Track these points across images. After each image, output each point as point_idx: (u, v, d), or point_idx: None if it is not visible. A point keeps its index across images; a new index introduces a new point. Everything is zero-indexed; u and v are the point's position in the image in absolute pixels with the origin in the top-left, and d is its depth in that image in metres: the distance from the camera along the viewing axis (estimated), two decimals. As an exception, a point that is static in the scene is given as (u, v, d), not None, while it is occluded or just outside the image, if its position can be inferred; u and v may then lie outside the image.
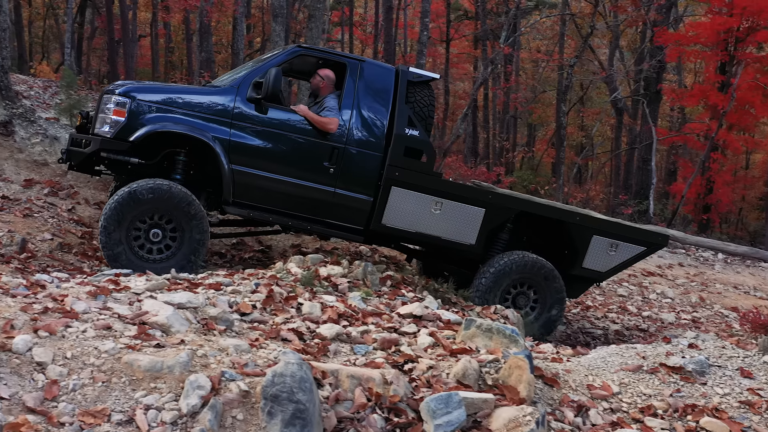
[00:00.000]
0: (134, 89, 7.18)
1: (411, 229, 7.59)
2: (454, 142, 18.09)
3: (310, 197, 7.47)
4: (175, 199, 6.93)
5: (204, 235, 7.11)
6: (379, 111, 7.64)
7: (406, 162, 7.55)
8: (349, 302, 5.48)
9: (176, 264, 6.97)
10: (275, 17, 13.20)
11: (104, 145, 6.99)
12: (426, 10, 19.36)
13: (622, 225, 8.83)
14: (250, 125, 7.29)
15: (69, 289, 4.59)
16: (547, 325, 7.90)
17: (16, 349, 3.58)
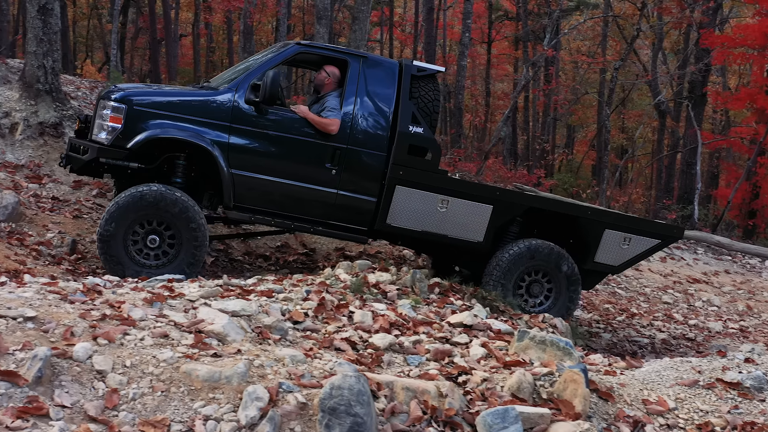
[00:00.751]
0: (130, 94, 7.05)
1: (417, 228, 7.46)
2: (495, 144, 17.97)
3: (312, 199, 7.33)
4: (174, 207, 6.81)
5: (202, 242, 6.99)
6: (382, 108, 7.47)
7: (411, 160, 7.38)
8: (399, 310, 5.45)
9: (173, 270, 6.81)
10: (319, 19, 13.22)
11: (101, 153, 6.90)
12: (468, 12, 19.30)
13: (634, 218, 8.65)
14: (249, 128, 7.14)
15: (125, 295, 4.62)
16: (562, 312, 7.73)
17: (77, 356, 3.61)
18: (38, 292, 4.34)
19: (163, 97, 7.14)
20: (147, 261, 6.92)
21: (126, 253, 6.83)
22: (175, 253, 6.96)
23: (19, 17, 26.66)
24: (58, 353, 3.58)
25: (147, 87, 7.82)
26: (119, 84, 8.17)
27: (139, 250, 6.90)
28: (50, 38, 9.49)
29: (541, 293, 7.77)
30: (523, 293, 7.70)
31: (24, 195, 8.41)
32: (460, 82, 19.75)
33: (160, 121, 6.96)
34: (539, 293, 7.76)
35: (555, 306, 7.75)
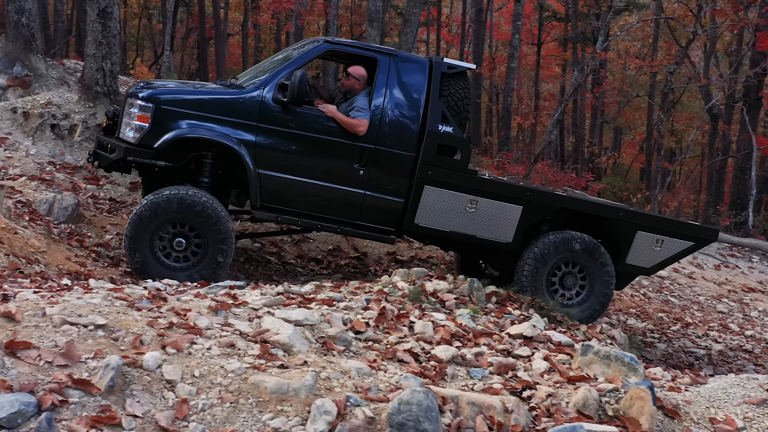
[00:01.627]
0: (158, 93, 7.02)
1: (445, 228, 7.39)
2: (545, 148, 17.80)
3: (339, 200, 7.28)
4: (200, 211, 6.77)
5: (228, 245, 6.93)
6: (411, 108, 7.36)
7: (440, 160, 7.29)
8: (458, 321, 5.41)
9: (198, 274, 6.85)
10: (371, 21, 13.21)
11: (128, 153, 6.91)
12: (518, 14, 19.16)
13: (667, 220, 8.44)
14: (276, 128, 7.08)
15: (189, 302, 4.64)
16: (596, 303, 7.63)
17: (147, 366, 3.63)
18: (105, 298, 4.39)
19: (191, 96, 7.11)
20: (174, 264, 6.90)
21: (153, 255, 6.82)
22: (201, 255, 6.94)
23: (72, 17, 27.13)
24: (129, 362, 3.61)
25: (174, 85, 7.77)
26: (147, 81, 8.16)
27: (167, 254, 6.89)
28: (109, 41, 9.63)
29: (574, 285, 7.65)
30: (557, 287, 7.60)
31: (82, 196, 8.53)
32: (510, 84, 19.61)
33: (188, 120, 6.93)
34: (573, 285, 7.64)
35: (590, 297, 7.64)
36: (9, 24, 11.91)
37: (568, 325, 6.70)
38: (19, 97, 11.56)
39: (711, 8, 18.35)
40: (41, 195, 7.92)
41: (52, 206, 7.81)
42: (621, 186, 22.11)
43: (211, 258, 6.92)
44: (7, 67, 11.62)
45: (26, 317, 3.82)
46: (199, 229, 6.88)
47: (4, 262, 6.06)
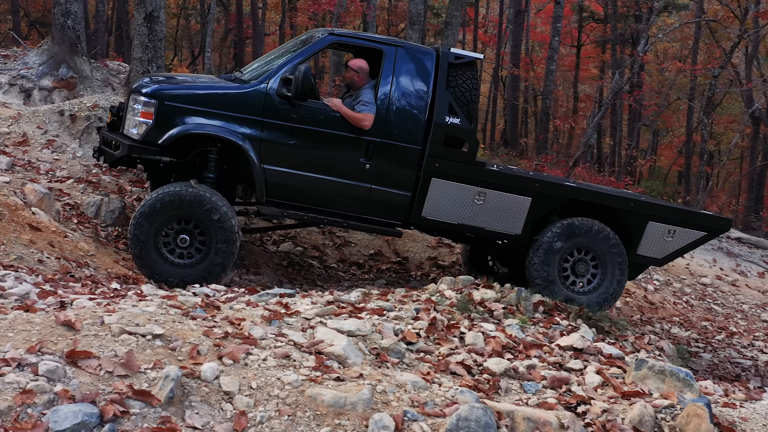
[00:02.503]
0: (161, 89, 6.98)
1: (453, 221, 7.33)
2: (584, 151, 17.64)
3: (345, 195, 7.21)
4: (203, 206, 6.72)
5: (232, 240, 6.85)
6: (418, 99, 7.25)
7: (447, 152, 7.22)
8: (508, 331, 5.37)
9: (203, 271, 6.82)
10: (412, 24, 13.19)
11: (132, 150, 6.87)
12: (558, 16, 19.03)
13: (679, 210, 8.28)
14: (281, 123, 7.01)
15: (242, 311, 4.66)
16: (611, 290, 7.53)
17: (205, 377, 3.64)
18: (160, 306, 4.41)
19: (194, 92, 7.05)
20: (179, 260, 6.86)
21: (157, 252, 6.78)
22: (206, 252, 6.88)
23: (113, 17, 27.45)
24: (187, 373, 3.62)
25: (178, 80, 7.75)
26: (151, 75, 8.14)
27: (171, 251, 6.84)
28: (155, 45, 9.71)
29: (587, 272, 7.56)
30: (569, 274, 7.51)
31: (128, 199, 8.60)
32: (548, 86, 19.48)
33: (192, 116, 6.89)
34: (585, 272, 7.54)
35: (603, 284, 7.53)
36: (55, 26, 12.08)
37: (616, 335, 6.63)
38: (64, 98, 11.73)
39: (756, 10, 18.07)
40: (89, 198, 8.01)
41: (99, 209, 7.89)
42: (660, 189, 21.84)
43: (216, 255, 6.86)
44: (53, 69, 11.78)
45: (85, 326, 3.85)
46: (202, 226, 6.83)
47: (56, 265, 6.14)
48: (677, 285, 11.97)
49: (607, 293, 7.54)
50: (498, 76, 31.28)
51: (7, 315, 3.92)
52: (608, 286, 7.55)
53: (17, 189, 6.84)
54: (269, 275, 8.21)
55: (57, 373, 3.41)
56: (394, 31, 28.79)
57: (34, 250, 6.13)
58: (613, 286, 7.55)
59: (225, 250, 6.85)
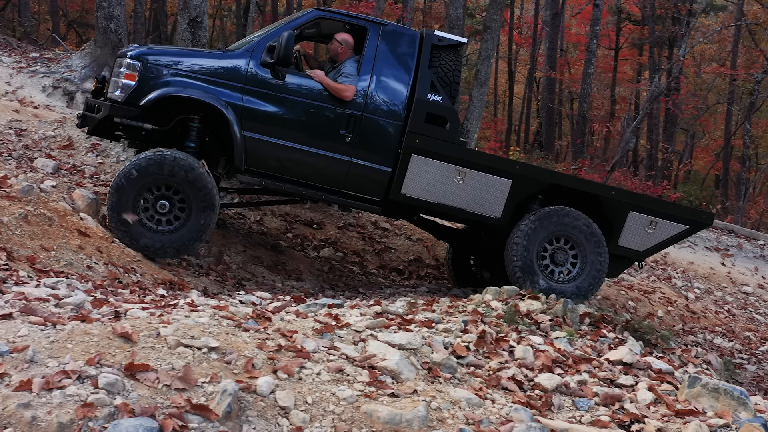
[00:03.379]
0: (146, 53, 7.03)
1: (432, 200, 7.28)
2: (623, 155, 17.47)
3: (324, 166, 7.19)
4: (180, 170, 6.73)
5: (212, 203, 6.88)
6: (400, 76, 7.30)
7: (428, 129, 7.21)
8: (556, 345, 5.33)
9: (185, 236, 6.86)
10: (451, 28, 13.15)
11: (114, 111, 6.89)
12: (596, 18, 18.86)
13: (661, 201, 8.23)
14: (264, 91, 7.05)
15: (293, 322, 4.67)
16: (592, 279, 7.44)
17: (260, 391, 3.65)
18: (212, 317, 4.43)
19: (179, 57, 7.11)
20: (159, 227, 6.89)
21: (138, 221, 6.82)
22: (186, 217, 6.92)
23: (150, 19, 27.69)
24: (243, 387, 3.63)
25: (164, 47, 7.83)
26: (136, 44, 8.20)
27: (150, 217, 6.88)
28: (198, 49, 9.77)
29: (566, 260, 7.47)
30: (548, 264, 7.42)
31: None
32: (586, 90, 19.33)
33: (175, 79, 6.93)
34: (564, 261, 7.45)
35: (583, 272, 7.44)
36: (98, 30, 12.21)
37: (663, 348, 6.55)
38: (106, 101, 11.82)
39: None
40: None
41: (143, 214, 7.94)
42: (698, 194, 21.56)
43: (196, 218, 6.89)
44: (96, 72, 11.90)
45: (142, 338, 3.88)
46: (181, 190, 6.85)
47: (104, 271, 6.19)
48: (718, 294, 11.83)
49: (587, 281, 7.45)
50: (532, 77, 31.13)
51: (65, 326, 3.95)
52: (588, 275, 7.47)
53: (65, 194, 6.91)
54: (311, 281, 8.23)
55: (116, 386, 3.43)
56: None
57: (83, 256, 6.19)
58: (593, 274, 7.46)
59: (205, 217, 6.88)
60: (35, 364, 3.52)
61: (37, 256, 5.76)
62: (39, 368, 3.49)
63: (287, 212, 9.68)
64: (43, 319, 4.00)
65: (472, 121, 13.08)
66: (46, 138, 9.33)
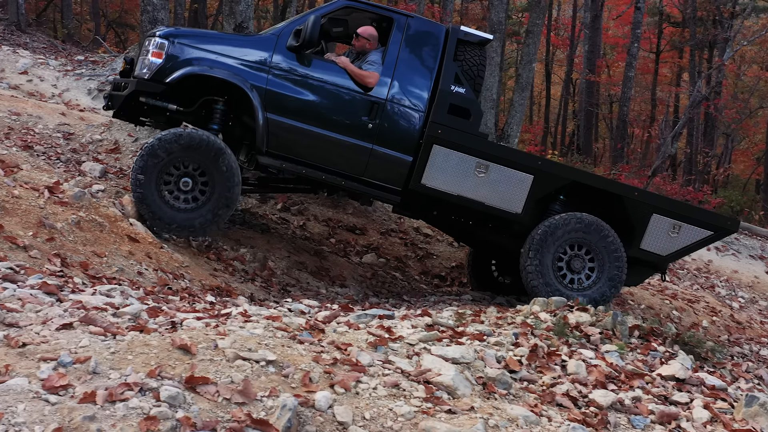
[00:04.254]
0: (174, 32, 7.15)
1: (452, 191, 7.23)
2: (665, 160, 17.28)
3: (345, 153, 7.20)
4: (207, 149, 6.84)
5: (234, 188, 6.97)
6: (424, 67, 7.34)
7: (451, 120, 7.21)
8: (608, 359, 5.28)
9: (205, 215, 6.95)
10: (493, 32, 13.07)
11: (140, 86, 7.00)
12: (638, 21, 18.68)
13: (685, 205, 8.06)
14: (288, 74, 7.12)
15: (346, 334, 4.67)
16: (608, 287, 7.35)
17: (319, 406, 3.65)
18: (267, 328, 4.45)
19: (207, 38, 7.24)
20: (179, 205, 6.99)
21: (159, 196, 6.91)
22: (207, 196, 7.00)
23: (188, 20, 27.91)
24: (302, 401, 3.64)
25: (193, 29, 7.96)
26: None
27: (170, 191, 6.98)
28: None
29: (583, 268, 7.38)
30: (565, 272, 7.35)
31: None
32: (626, 93, 19.16)
33: (201, 59, 7.02)
34: (581, 269, 7.37)
35: (600, 280, 7.36)
36: (143, 33, 12.28)
37: (713, 362, 6.46)
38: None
39: None
40: (180, 207, 8.13)
41: (190, 219, 8.00)
42: (738, 200, 21.22)
43: (218, 199, 6.99)
44: (140, 75, 12.00)
45: (200, 350, 3.91)
46: (205, 169, 6.95)
47: (154, 277, 6.25)
48: (763, 303, 11.66)
49: (602, 289, 7.36)
50: (569, 79, 30.91)
51: (124, 336, 3.99)
52: (606, 281, 7.39)
53: (115, 200, 6.99)
54: (355, 287, 8.24)
55: (178, 399, 3.46)
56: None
57: (133, 262, 6.26)
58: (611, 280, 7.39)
59: (228, 190, 6.97)
60: (97, 376, 3.56)
61: (89, 263, 5.83)
62: (101, 380, 3.53)
63: (330, 217, 9.71)
64: (103, 329, 4.04)
65: (513, 125, 13.03)
66: (93, 141, 9.45)
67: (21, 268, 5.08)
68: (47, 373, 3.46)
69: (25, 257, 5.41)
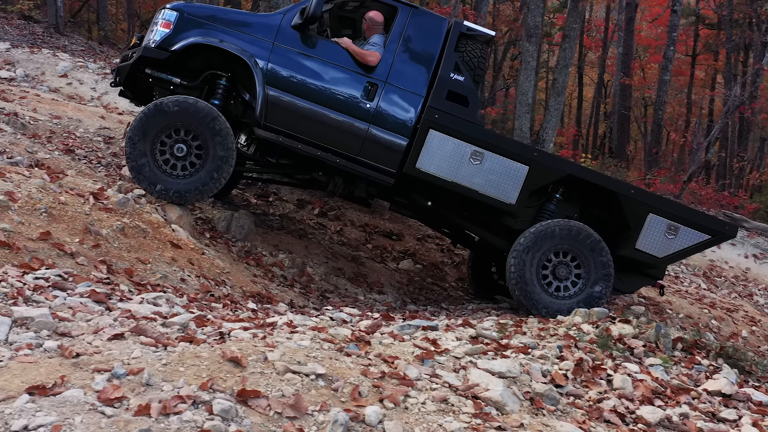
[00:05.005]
0: (184, 6, 7.36)
1: (447, 177, 7.23)
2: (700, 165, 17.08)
3: (342, 131, 7.28)
4: (200, 114, 6.99)
5: (228, 152, 7.09)
6: (425, 53, 7.43)
7: (448, 106, 7.24)
8: (653, 373, 5.23)
9: (199, 181, 7.07)
10: (529, 37, 13.04)
11: (146, 52, 7.20)
12: (674, 24, 18.48)
13: (682, 207, 7.86)
14: (291, 50, 7.27)
15: (392, 347, 4.68)
16: (588, 302, 7.21)
17: (369, 421, 3.66)
18: (313, 340, 4.47)
19: (215, 13, 7.45)
20: (174, 172, 7.13)
21: (154, 162, 7.07)
22: (201, 164, 7.14)
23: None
24: (352, 416, 3.65)
25: (203, 4, 8.15)
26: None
27: (165, 161, 7.11)
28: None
29: (568, 276, 7.30)
30: (549, 278, 7.28)
31: (252, 211, 8.78)
32: (662, 97, 18.97)
33: (207, 31, 7.22)
34: (567, 276, 7.30)
35: (585, 289, 7.30)
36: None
37: (757, 376, 6.38)
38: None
39: None
40: (219, 213, 8.20)
41: (230, 224, 8.08)
42: (774, 205, 20.89)
43: (211, 166, 7.12)
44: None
45: (251, 362, 3.93)
46: (200, 137, 7.09)
47: (196, 284, 6.30)
48: (803, 312, 11.48)
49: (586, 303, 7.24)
50: (602, 80, 30.68)
51: (175, 348, 4.03)
52: (589, 294, 7.33)
53: (158, 206, 7.05)
54: (392, 294, 8.25)
55: (230, 412, 3.48)
56: (498, 35, 28.54)
57: (176, 268, 6.32)
58: (595, 293, 7.32)
59: (221, 159, 7.11)
60: (151, 388, 3.60)
61: (134, 269, 5.89)
62: (155, 392, 3.56)
63: (366, 223, 9.73)
64: (154, 340, 4.09)
65: (548, 130, 12.96)
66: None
67: (69, 275, 5.15)
68: (102, 385, 3.49)
69: (73, 264, 5.48)
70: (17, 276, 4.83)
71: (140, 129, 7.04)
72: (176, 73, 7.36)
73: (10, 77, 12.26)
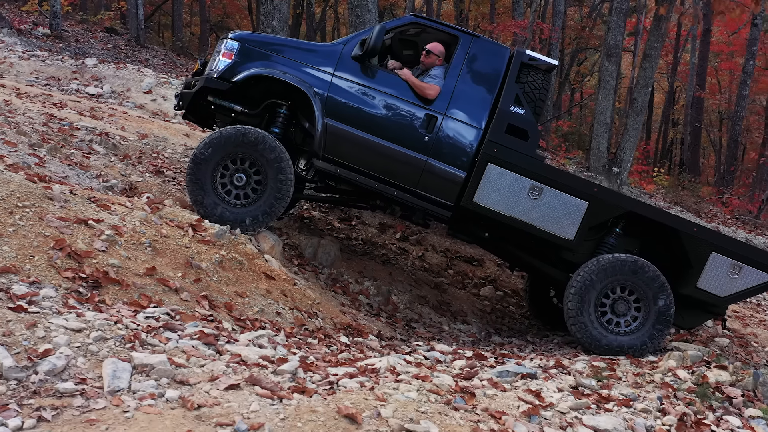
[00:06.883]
0: (246, 36, 7.47)
1: (504, 212, 7.14)
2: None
3: (400, 163, 7.25)
4: (261, 146, 7.05)
5: (286, 185, 7.13)
6: (485, 86, 7.35)
7: (507, 140, 7.14)
8: (756, 428, 5.16)
9: (256, 211, 7.12)
10: (609, 56, 12.93)
11: (209, 83, 7.29)
12: (755, 38, 18.07)
13: (747, 246, 7.52)
14: (350, 81, 7.28)
15: (495, 398, 4.71)
16: (650, 337, 7.04)
17: (484, 484, 3.71)
18: (420, 391, 4.53)
19: (276, 43, 7.49)
20: (227, 198, 7.18)
21: (211, 182, 7.13)
22: (255, 198, 7.21)
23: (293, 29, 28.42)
24: (467, 479, 3.70)
25: (265, 34, 8.21)
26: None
27: (223, 184, 7.18)
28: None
29: (628, 311, 7.12)
30: (608, 314, 7.11)
31: (335, 236, 8.89)
32: (740, 112, 18.57)
33: (268, 62, 7.31)
34: (626, 311, 7.12)
35: (644, 326, 7.09)
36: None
37: None
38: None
39: None
40: (305, 239, 8.33)
41: (316, 251, 8.20)
42: None
43: (265, 203, 7.19)
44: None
45: (365, 419, 4.00)
46: (262, 172, 7.17)
47: (290, 317, 6.42)
48: None
49: (645, 335, 7.09)
50: (673, 90, 30.17)
51: (290, 401, 4.13)
52: (649, 326, 7.12)
53: (252, 236, 7.20)
54: (476, 324, 8.28)
55: (351, 473, 3.56)
56: (567, 41, 28.29)
57: (271, 301, 6.44)
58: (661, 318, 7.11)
59: (276, 198, 7.18)
60: (272, 444, 3.70)
61: (233, 303, 6.03)
62: (276, 449, 3.66)
63: (447, 248, 9.76)
64: (270, 392, 4.19)
65: (626, 149, 12.82)
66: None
67: (176, 312, 5.30)
68: (228, 442, 3.60)
69: (178, 300, 5.63)
70: (130, 316, 5.00)
71: (209, 148, 7.17)
72: (237, 100, 7.51)
73: (98, 93, 12.62)
